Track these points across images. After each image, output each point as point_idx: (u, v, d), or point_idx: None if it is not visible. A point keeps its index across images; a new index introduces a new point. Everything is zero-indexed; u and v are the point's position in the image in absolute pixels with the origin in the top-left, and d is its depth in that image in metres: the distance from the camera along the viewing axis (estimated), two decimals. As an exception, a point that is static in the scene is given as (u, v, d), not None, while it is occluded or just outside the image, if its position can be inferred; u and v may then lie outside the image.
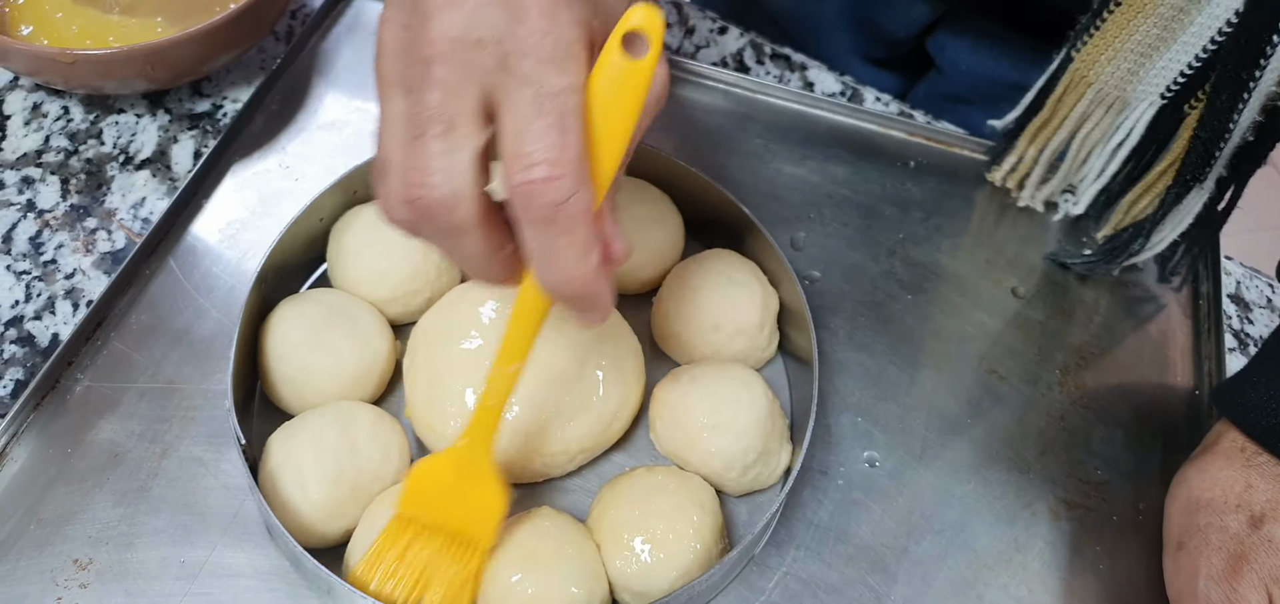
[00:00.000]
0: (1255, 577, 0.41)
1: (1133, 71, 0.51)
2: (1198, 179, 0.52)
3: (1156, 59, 0.50)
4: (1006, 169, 0.60)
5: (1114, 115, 0.54)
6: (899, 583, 0.46)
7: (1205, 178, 0.52)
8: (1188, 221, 0.54)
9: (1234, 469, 0.44)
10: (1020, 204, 0.61)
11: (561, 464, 0.47)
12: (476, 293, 0.50)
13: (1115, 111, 0.53)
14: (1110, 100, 0.53)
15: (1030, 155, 0.58)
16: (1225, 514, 0.43)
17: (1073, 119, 0.55)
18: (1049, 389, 0.54)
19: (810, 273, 0.57)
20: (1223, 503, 0.44)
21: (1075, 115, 0.55)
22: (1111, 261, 0.57)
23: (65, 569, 0.44)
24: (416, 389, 0.48)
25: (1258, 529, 0.42)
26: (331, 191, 0.52)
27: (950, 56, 0.69)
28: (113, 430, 0.48)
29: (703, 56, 0.69)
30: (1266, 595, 0.41)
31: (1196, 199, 0.53)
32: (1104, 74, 0.52)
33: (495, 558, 0.43)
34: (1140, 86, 0.51)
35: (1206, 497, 0.45)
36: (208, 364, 0.50)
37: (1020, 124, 0.57)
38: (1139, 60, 0.51)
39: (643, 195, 0.54)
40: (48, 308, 0.53)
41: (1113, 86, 0.52)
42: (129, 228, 0.56)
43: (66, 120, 0.61)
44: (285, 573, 0.44)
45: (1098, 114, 0.54)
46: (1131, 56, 0.51)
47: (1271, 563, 0.41)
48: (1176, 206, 0.54)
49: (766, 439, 0.47)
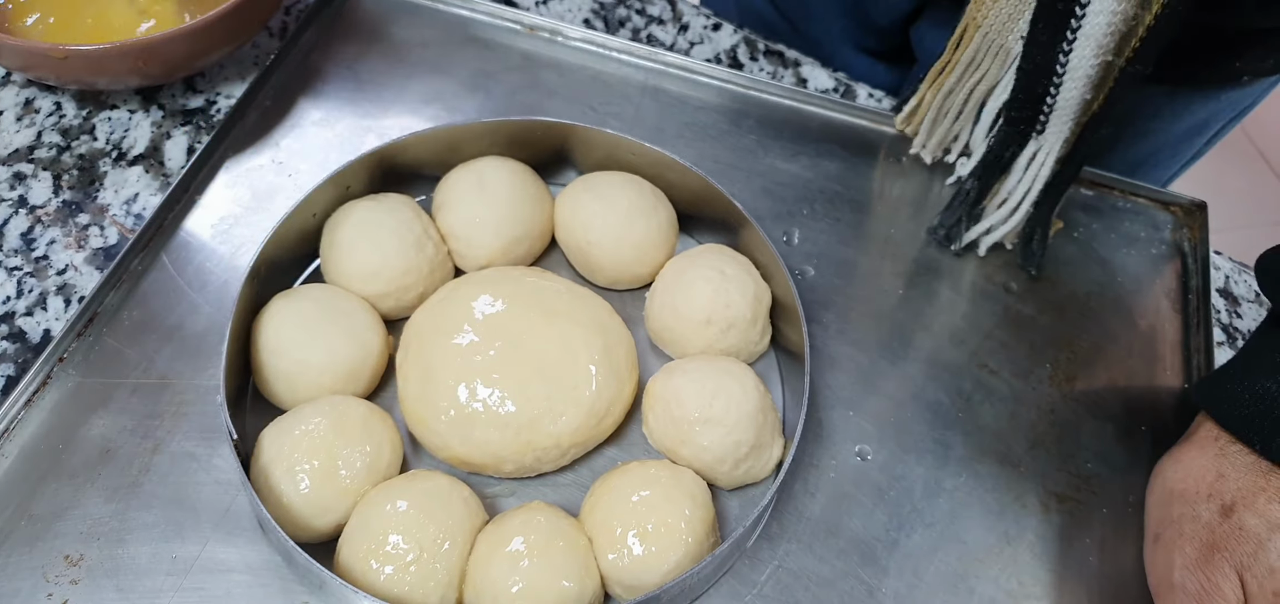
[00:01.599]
0: (1227, 564, 0.42)
1: (1012, 17, 0.51)
2: (1030, 122, 0.51)
3: (1032, 5, 0.49)
4: (907, 111, 0.60)
5: (999, 66, 0.53)
6: (890, 576, 0.47)
7: (1041, 125, 0.51)
8: (1038, 187, 0.54)
9: (1207, 459, 0.45)
10: (912, 151, 0.61)
11: (554, 458, 0.47)
12: (469, 289, 0.51)
13: (1000, 62, 0.53)
14: (995, 47, 0.52)
15: (928, 98, 0.58)
16: (1198, 504, 0.44)
17: (963, 62, 0.55)
18: (1040, 383, 0.54)
19: (803, 268, 0.57)
20: (1195, 493, 0.44)
21: (965, 58, 0.54)
22: (956, 212, 0.56)
23: (56, 565, 0.44)
24: (409, 384, 0.48)
25: (1229, 517, 0.43)
26: (325, 187, 0.52)
27: (929, 47, 0.69)
28: (104, 426, 0.48)
29: (696, 53, 0.69)
30: (1239, 581, 0.41)
31: (1042, 158, 0.53)
32: (989, 16, 0.52)
33: (487, 552, 0.43)
34: (1013, 35, 0.51)
35: (1180, 487, 0.45)
36: (200, 359, 0.50)
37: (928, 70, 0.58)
38: (1018, 5, 0.50)
39: (636, 190, 0.54)
40: (39, 304, 0.53)
41: (996, 31, 0.52)
42: (121, 223, 0.56)
43: (59, 116, 0.60)
44: (277, 568, 0.44)
45: (985, 61, 0.54)
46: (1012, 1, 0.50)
47: (1243, 550, 0.42)
48: (1015, 154, 0.53)
49: (758, 433, 0.47)
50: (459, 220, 0.53)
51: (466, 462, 0.47)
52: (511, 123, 0.56)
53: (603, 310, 0.51)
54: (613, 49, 0.66)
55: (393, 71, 0.64)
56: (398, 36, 0.66)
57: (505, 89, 0.64)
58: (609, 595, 0.45)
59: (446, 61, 0.65)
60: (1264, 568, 0.41)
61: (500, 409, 0.46)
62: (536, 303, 0.50)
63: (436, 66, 0.65)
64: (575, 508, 0.47)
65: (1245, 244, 0.66)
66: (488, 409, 0.46)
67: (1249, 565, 0.41)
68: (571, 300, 0.50)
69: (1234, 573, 0.42)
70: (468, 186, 0.54)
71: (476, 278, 0.52)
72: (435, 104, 0.63)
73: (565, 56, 0.66)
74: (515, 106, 0.63)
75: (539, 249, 0.56)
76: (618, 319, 0.51)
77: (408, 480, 0.45)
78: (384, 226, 0.51)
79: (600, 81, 0.65)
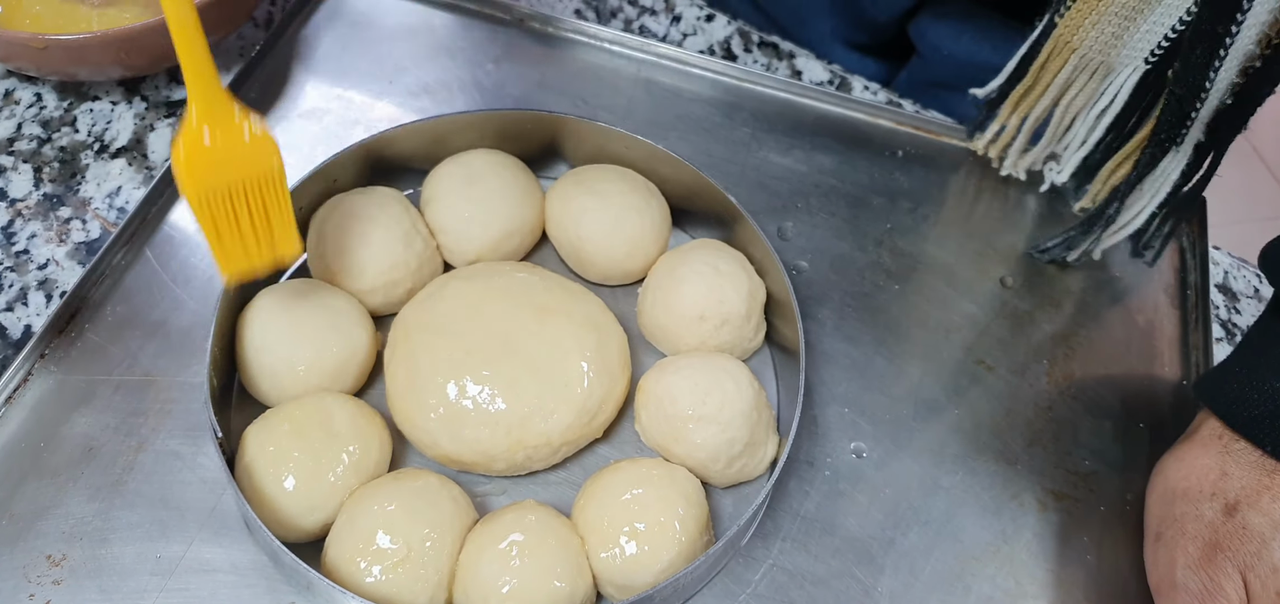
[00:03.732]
0: (1230, 564, 0.41)
1: (1116, 36, 0.51)
2: (1173, 140, 0.52)
3: (1140, 23, 0.50)
4: (989, 137, 0.60)
5: (1098, 81, 0.53)
6: (886, 574, 0.46)
7: (1181, 139, 0.51)
8: (1165, 191, 0.54)
9: (1210, 457, 0.45)
10: (1002, 173, 0.60)
11: (545, 456, 0.47)
12: (458, 285, 0.50)
13: (1099, 78, 0.53)
14: (1094, 66, 0.52)
15: (1013, 123, 0.58)
16: (1200, 503, 0.43)
17: (1056, 86, 0.54)
18: (1037, 380, 0.53)
19: (797, 263, 0.56)
20: (1198, 492, 0.44)
21: (1059, 82, 0.54)
22: (1088, 234, 0.56)
23: (38, 565, 0.43)
24: (397, 381, 0.47)
25: (1232, 516, 0.42)
26: (311, 180, 0.51)
27: (932, 41, 0.68)
28: (87, 424, 0.47)
29: (689, 44, 0.68)
30: (1242, 581, 0.41)
31: (1173, 165, 0.53)
32: (1088, 39, 0.52)
33: (477, 552, 0.42)
34: (1124, 51, 0.51)
35: (1182, 486, 0.45)
36: (185, 356, 0.49)
37: (1003, 92, 0.57)
38: (1122, 24, 0.50)
39: (628, 184, 0.54)
40: (20, 299, 0.52)
41: (1096, 52, 0.52)
42: (104, 217, 0.55)
43: (39, 107, 0.59)
44: (263, 568, 0.44)
45: (1081, 80, 0.54)
46: (1115, 20, 0.50)
47: (1246, 549, 0.41)
48: (1152, 171, 0.53)
49: (752, 430, 0.46)
50: (448, 214, 0.52)
51: (456, 460, 0.46)
52: (501, 115, 0.55)
53: (594, 306, 0.50)
54: (604, 40, 0.65)
55: (381, 63, 0.63)
56: (385, 27, 0.65)
57: (495, 81, 0.63)
58: (601, 595, 0.44)
59: (435, 53, 0.64)
60: (1268, 567, 0.41)
61: (490, 406, 0.46)
62: (527, 299, 0.49)
63: (425, 58, 0.64)
64: (567, 507, 0.46)
65: (1240, 240, 0.66)
66: (477, 406, 0.46)
67: (1252, 565, 0.41)
68: (563, 296, 0.50)
69: (1237, 572, 0.41)
70: (457, 180, 0.53)
71: (466, 273, 0.51)
72: (423, 96, 0.62)
73: (556, 47, 0.65)
74: (505, 98, 0.62)
75: (529, 244, 0.55)
76: (610, 315, 0.51)
77: (396, 479, 0.44)
78: (372, 221, 0.50)
79: (592, 73, 0.64)
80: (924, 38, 0.69)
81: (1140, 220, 0.55)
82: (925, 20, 0.68)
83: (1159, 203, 0.54)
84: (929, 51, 0.69)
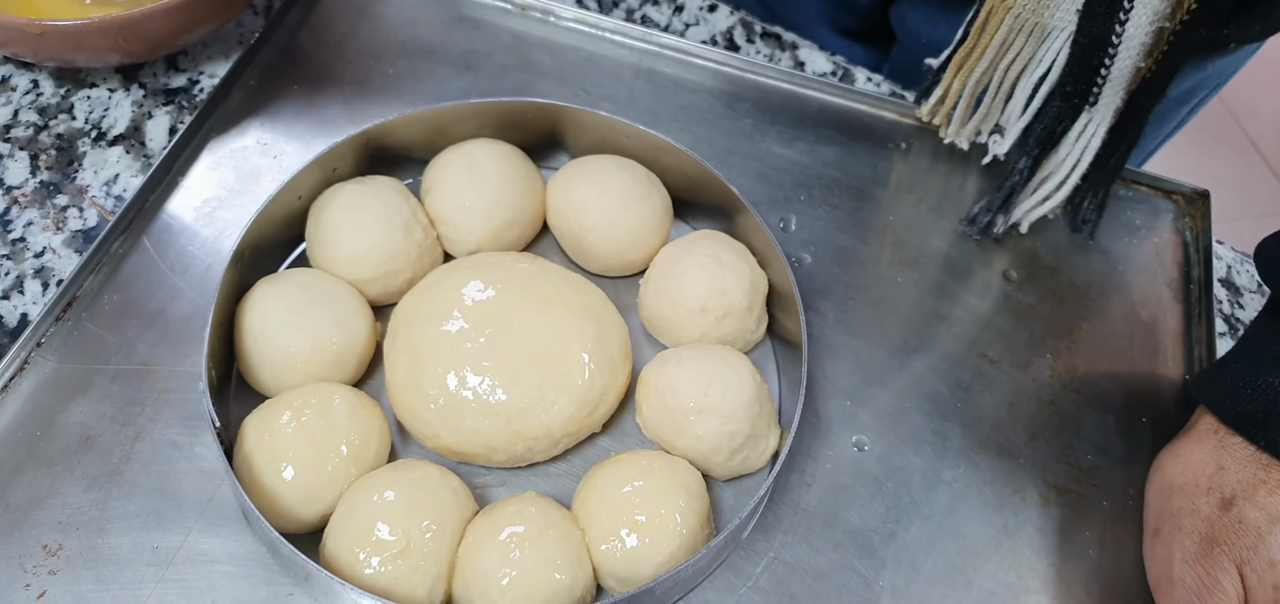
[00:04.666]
0: (1227, 558, 0.41)
1: None
2: (1082, 95, 0.51)
3: None
4: (933, 102, 0.59)
5: (1033, 44, 0.53)
6: (887, 568, 0.46)
7: (1094, 98, 0.51)
8: (1088, 158, 0.53)
9: (1206, 452, 0.45)
10: (945, 140, 0.60)
11: (546, 448, 0.47)
12: (459, 274, 0.49)
13: (1035, 41, 0.52)
14: (1029, 27, 0.52)
15: (955, 88, 0.57)
16: (1197, 497, 0.44)
17: (994, 46, 0.54)
18: (1039, 374, 0.53)
19: (800, 255, 0.56)
20: (1194, 486, 0.44)
21: (996, 42, 0.54)
22: (1008, 198, 0.56)
23: (34, 555, 0.43)
24: (397, 372, 0.47)
25: (1228, 511, 0.42)
26: (310, 169, 0.51)
27: (911, 28, 0.68)
28: (84, 413, 0.46)
29: (692, 34, 0.68)
30: (1238, 575, 0.41)
31: (1091, 128, 0.52)
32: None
33: (477, 543, 0.42)
34: (1057, 13, 0.50)
35: (1179, 481, 0.45)
36: (182, 345, 0.49)
37: (949, 58, 0.57)
38: None
39: (630, 174, 0.53)
40: (16, 287, 0.51)
41: (1029, 11, 0.51)
42: (101, 205, 0.55)
43: (36, 94, 0.59)
44: (262, 559, 0.43)
45: (1018, 41, 0.53)
46: None
47: (1242, 543, 0.41)
48: (1065, 129, 0.53)
49: (754, 423, 0.46)
50: (448, 204, 0.52)
51: (456, 451, 0.46)
52: (502, 104, 0.55)
53: (596, 297, 0.50)
54: (606, 29, 0.64)
55: (381, 51, 0.63)
56: (386, 15, 0.64)
57: (496, 70, 0.62)
58: (602, 587, 0.44)
59: (436, 41, 0.64)
60: (1264, 561, 0.41)
61: (491, 398, 0.45)
62: (528, 289, 0.49)
63: (425, 46, 0.63)
64: (567, 498, 0.46)
65: (1239, 235, 0.66)
66: (478, 397, 0.45)
67: (1249, 559, 0.41)
68: (564, 287, 0.49)
69: (1234, 567, 0.41)
70: (457, 169, 0.53)
71: (466, 263, 0.51)
72: (424, 85, 0.61)
73: (557, 37, 0.64)
74: (506, 88, 0.62)
75: (530, 234, 0.54)
76: (611, 306, 0.50)
77: (396, 470, 0.44)
78: (371, 210, 0.50)
79: (593, 63, 0.63)
80: (904, 24, 0.69)
81: (1066, 190, 0.55)
82: (905, 6, 0.68)
83: (1082, 173, 0.54)
84: (908, 38, 0.69)
